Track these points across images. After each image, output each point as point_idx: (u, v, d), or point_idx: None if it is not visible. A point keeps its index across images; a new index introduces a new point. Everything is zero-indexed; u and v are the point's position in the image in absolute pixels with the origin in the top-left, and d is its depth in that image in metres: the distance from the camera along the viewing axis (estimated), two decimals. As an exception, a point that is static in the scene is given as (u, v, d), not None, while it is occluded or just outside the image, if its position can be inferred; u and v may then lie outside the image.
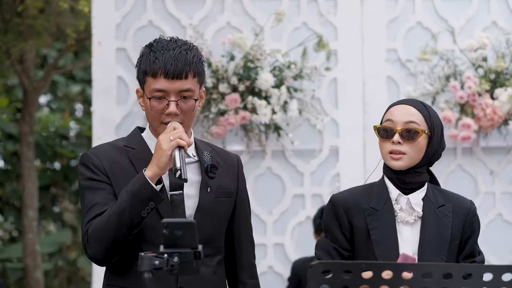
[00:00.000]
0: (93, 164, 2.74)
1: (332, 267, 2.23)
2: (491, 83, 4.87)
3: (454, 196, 2.91)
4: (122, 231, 2.62)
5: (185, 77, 2.73)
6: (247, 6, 4.92)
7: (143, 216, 2.62)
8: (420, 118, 2.82)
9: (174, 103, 2.71)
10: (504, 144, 4.99)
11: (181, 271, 2.10)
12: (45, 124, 10.31)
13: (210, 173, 2.79)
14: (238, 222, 2.89)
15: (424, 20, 5.02)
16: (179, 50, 2.76)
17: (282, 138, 4.87)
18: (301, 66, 4.82)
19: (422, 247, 2.76)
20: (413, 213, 2.80)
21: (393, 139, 2.80)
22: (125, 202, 2.62)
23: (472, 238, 2.87)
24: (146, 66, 2.76)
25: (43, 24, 7.22)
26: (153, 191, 2.61)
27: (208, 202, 2.77)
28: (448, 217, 2.81)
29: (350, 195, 2.87)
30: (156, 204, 2.63)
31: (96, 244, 2.65)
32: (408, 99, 2.90)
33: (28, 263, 8.03)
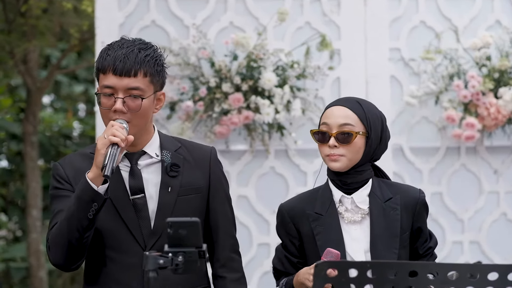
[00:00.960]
0: (58, 175, 2.79)
1: (337, 266, 2.23)
2: (495, 82, 4.86)
3: (402, 187, 2.91)
4: (73, 235, 2.65)
5: (134, 75, 2.71)
6: (250, 6, 4.92)
7: (89, 218, 2.63)
8: (355, 119, 2.81)
9: (121, 100, 2.70)
10: (508, 143, 4.99)
11: (185, 270, 2.10)
12: (49, 124, 10.32)
13: (170, 172, 2.78)
14: (213, 216, 2.86)
15: (427, 19, 5.02)
16: (132, 48, 2.75)
17: (285, 137, 4.87)
18: (304, 65, 4.82)
19: (373, 243, 2.77)
20: (359, 211, 2.80)
21: (329, 143, 2.81)
22: (73, 207, 2.65)
23: (424, 226, 2.87)
24: (99, 63, 2.77)
25: (46, 24, 7.22)
26: (93, 192, 2.62)
27: (168, 202, 2.76)
28: (396, 210, 2.81)
29: (296, 202, 2.89)
30: (99, 205, 2.63)
31: (54, 250, 2.71)
32: (344, 99, 2.89)
33: (32, 262, 8.04)
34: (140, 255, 2.66)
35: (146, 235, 2.75)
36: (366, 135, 2.82)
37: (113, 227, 2.74)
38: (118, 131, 2.63)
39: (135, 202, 2.75)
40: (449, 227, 4.95)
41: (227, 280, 2.85)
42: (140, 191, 2.76)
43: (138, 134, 2.76)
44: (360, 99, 2.89)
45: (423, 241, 2.87)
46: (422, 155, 4.96)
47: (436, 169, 4.97)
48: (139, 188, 2.75)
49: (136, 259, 2.71)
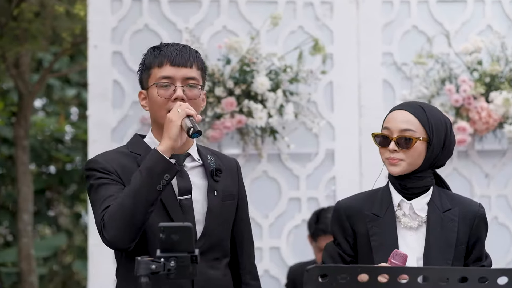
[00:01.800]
0: (104, 168, 2.74)
1: (328, 271, 2.23)
2: (486, 87, 4.88)
3: (462, 199, 2.89)
4: (138, 209, 2.59)
5: (190, 66, 2.78)
6: (243, 10, 4.93)
7: (158, 191, 2.60)
8: (416, 124, 2.81)
9: (181, 88, 2.75)
10: (499, 147, 5.00)
11: (177, 275, 2.10)
12: (40, 128, 10.29)
13: (215, 176, 2.81)
14: (239, 224, 2.91)
15: (419, 23, 5.03)
16: (182, 45, 2.84)
17: (278, 141, 4.87)
18: (297, 69, 4.83)
19: (427, 252, 2.75)
20: (416, 218, 2.79)
21: (389, 147, 2.81)
22: (139, 180, 2.61)
23: (480, 242, 2.85)
24: (151, 60, 2.80)
25: (38, 28, 7.21)
26: (167, 163, 2.61)
27: (216, 206, 2.79)
28: (454, 221, 2.79)
29: (354, 201, 2.88)
30: (171, 177, 2.61)
31: (113, 226, 2.61)
32: (407, 103, 2.89)
33: (23, 267, 8.01)
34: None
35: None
36: (427, 140, 2.81)
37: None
38: (190, 108, 2.68)
39: (182, 203, 2.75)
40: (441, 231, 4.95)
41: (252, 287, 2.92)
42: (188, 192, 2.76)
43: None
44: (424, 104, 2.89)
45: (475, 257, 2.84)
46: (414, 159, 4.97)
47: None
48: (187, 189, 2.76)
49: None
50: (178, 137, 2.65)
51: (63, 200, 10.83)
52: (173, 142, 2.64)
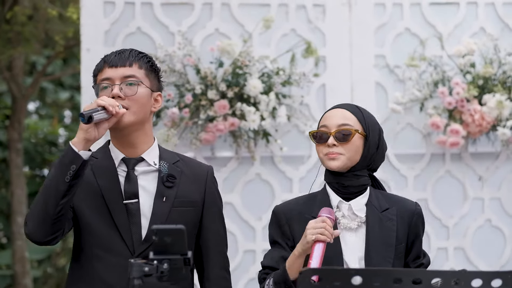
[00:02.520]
0: None
1: (322, 273, 2.23)
2: (479, 89, 4.89)
3: (398, 199, 2.92)
4: (49, 201, 2.64)
5: (129, 65, 2.81)
6: (236, 13, 4.93)
7: (66, 182, 2.63)
8: (353, 120, 2.84)
9: (117, 86, 2.79)
10: (493, 150, 5.01)
11: (170, 277, 2.10)
12: (34, 130, 10.28)
13: (166, 182, 2.80)
14: (205, 234, 2.88)
15: (412, 26, 5.04)
16: (127, 50, 2.87)
17: (271, 144, 4.87)
18: (289, 72, 4.83)
19: (368, 251, 2.77)
20: (355, 219, 2.80)
21: (328, 142, 2.82)
22: (51, 173, 2.67)
23: (418, 240, 2.88)
24: (95, 69, 2.87)
25: (31, 31, 7.20)
26: (74, 154, 2.64)
27: (162, 212, 2.78)
28: (393, 220, 2.82)
29: (293, 205, 2.90)
30: (77, 167, 2.63)
31: (29, 221, 2.70)
32: (343, 104, 2.93)
33: (17, 270, 8.00)
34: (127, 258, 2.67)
35: (136, 241, 2.75)
36: (364, 135, 2.83)
37: (104, 227, 2.75)
38: (109, 100, 2.70)
39: (128, 206, 2.76)
40: (434, 233, 4.96)
41: None
42: (134, 196, 2.77)
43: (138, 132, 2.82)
44: (359, 106, 2.93)
45: (415, 255, 2.86)
46: (407, 161, 4.98)
47: (421, 176, 4.99)
48: (133, 193, 2.77)
49: (123, 261, 2.71)
50: (89, 128, 2.67)
51: (56, 203, 10.79)
52: (84, 133, 2.67)
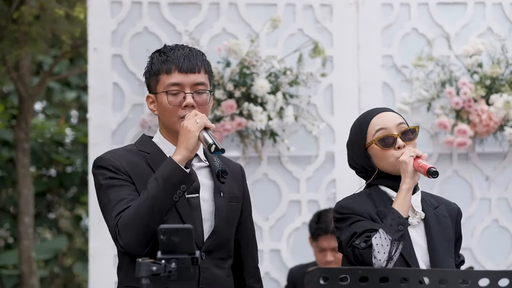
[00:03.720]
0: (113, 166, 2.74)
1: (329, 273, 2.23)
2: (487, 89, 4.88)
3: (441, 198, 2.96)
4: (154, 217, 2.61)
5: (198, 71, 2.79)
6: (243, 13, 4.93)
7: (174, 201, 2.63)
8: (402, 119, 2.85)
9: (190, 95, 2.77)
10: (500, 150, 5.00)
11: (178, 277, 2.10)
12: (41, 130, 10.30)
13: (221, 178, 2.82)
14: (244, 228, 2.93)
15: (419, 26, 5.03)
16: (189, 49, 2.84)
17: (278, 144, 4.87)
18: (296, 72, 4.83)
19: (431, 247, 2.76)
20: (415, 216, 2.80)
21: (398, 143, 2.79)
22: (155, 188, 2.62)
23: (461, 239, 2.92)
24: (159, 66, 2.81)
25: (38, 31, 7.21)
26: (184, 173, 2.63)
27: (222, 207, 2.81)
28: (446, 217, 2.84)
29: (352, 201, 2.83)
30: (188, 187, 2.64)
31: (128, 233, 2.63)
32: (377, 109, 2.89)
33: (24, 270, 8.01)
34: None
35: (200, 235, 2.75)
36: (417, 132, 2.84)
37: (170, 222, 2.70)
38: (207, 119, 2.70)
39: (189, 201, 2.76)
40: (441, 233, 4.95)
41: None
42: (195, 191, 2.77)
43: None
44: None
45: (457, 253, 2.89)
46: (414, 161, 4.97)
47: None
48: (195, 188, 2.76)
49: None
50: (195, 148, 2.67)
51: (63, 202, 10.84)
52: (190, 153, 2.66)
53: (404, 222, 2.65)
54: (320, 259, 4.54)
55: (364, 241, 2.67)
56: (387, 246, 2.63)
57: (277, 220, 4.91)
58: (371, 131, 2.82)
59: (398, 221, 2.65)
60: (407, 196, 2.70)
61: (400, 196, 2.70)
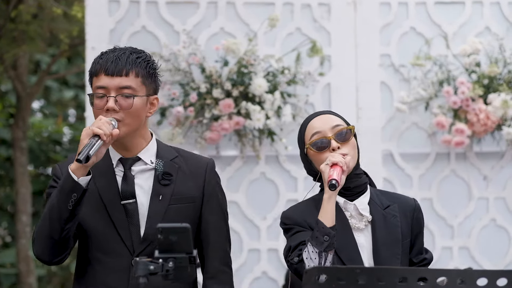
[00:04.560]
0: (56, 175, 2.81)
1: (327, 272, 2.23)
2: (485, 88, 4.88)
3: (397, 196, 2.92)
4: (54, 226, 2.66)
5: (125, 75, 2.75)
6: (241, 12, 4.93)
7: (69, 209, 2.64)
8: (340, 120, 2.84)
9: (113, 98, 2.74)
10: (498, 149, 5.00)
11: (176, 276, 2.10)
12: (38, 129, 10.29)
13: (162, 180, 2.79)
14: (205, 228, 2.86)
15: (417, 25, 5.03)
16: (124, 51, 2.80)
17: (276, 143, 4.87)
18: (294, 71, 4.83)
19: (376, 250, 2.76)
20: (362, 219, 2.79)
21: (332, 145, 2.78)
22: (54, 199, 2.67)
23: (421, 235, 2.88)
24: (92, 67, 2.82)
25: (36, 29, 7.21)
26: (74, 182, 2.63)
27: (158, 210, 2.77)
28: (396, 217, 2.81)
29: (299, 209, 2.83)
30: (79, 196, 2.64)
31: (37, 243, 2.72)
32: (319, 111, 2.90)
33: (22, 268, 8.01)
34: (128, 259, 2.71)
35: (135, 241, 2.75)
36: (354, 133, 2.83)
37: (103, 229, 2.76)
38: (103, 125, 2.66)
39: (126, 207, 2.76)
40: (439, 232, 4.96)
41: None
42: (131, 196, 2.76)
43: (132, 137, 2.78)
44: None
45: (418, 251, 2.86)
46: (412, 161, 4.97)
47: (426, 175, 4.98)
48: (130, 193, 2.76)
49: (124, 263, 2.73)
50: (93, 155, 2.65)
51: (61, 202, 10.80)
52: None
53: (328, 232, 2.64)
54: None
55: (297, 255, 2.70)
56: (315, 259, 2.64)
57: (274, 219, 4.91)
58: (308, 136, 2.83)
59: (323, 232, 2.64)
60: (329, 204, 2.68)
61: (323, 206, 2.69)
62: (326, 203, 2.68)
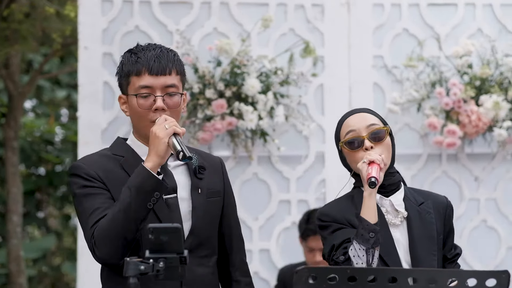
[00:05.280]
0: (86, 173, 2.72)
1: (317, 272, 2.23)
2: (476, 90, 4.89)
3: (429, 193, 2.96)
4: (129, 226, 2.60)
5: (169, 73, 2.75)
6: (234, 12, 4.93)
7: (149, 208, 2.61)
8: (376, 119, 2.84)
9: (161, 98, 2.73)
10: (489, 151, 5.01)
11: (166, 276, 2.09)
12: (30, 129, 10.26)
13: (198, 174, 2.81)
14: (228, 221, 2.91)
15: (410, 27, 5.04)
16: (160, 49, 2.79)
17: (269, 144, 4.87)
18: (287, 72, 4.83)
19: (412, 246, 2.78)
20: (398, 215, 2.81)
21: (365, 145, 2.79)
22: (129, 198, 2.60)
23: (452, 232, 2.93)
24: (129, 67, 2.77)
25: (28, 29, 7.18)
26: (157, 181, 2.61)
27: (201, 204, 2.79)
28: (430, 213, 2.84)
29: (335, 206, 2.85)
30: (161, 194, 2.63)
31: (105, 244, 2.62)
32: (356, 109, 2.91)
33: (12, 269, 7.97)
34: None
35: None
36: (390, 132, 2.84)
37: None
38: (176, 124, 2.67)
39: (168, 202, 2.75)
40: (431, 234, 4.96)
41: (242, 284, 2.92)
42: (173, 191, 2.76)
43: None
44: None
45: (450, 247, 2.90)
46: (404, 161, 4.98)
47: (417, 176, 4.99)
48: (172, 188, 2.75)
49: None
50: (165, 154, 2.65)
51: (52, 201, 10.80)
52: (161, 160, 2.64)
53: (373, 228, 2.66)
54: (310, 259, 4.54)
55: (342, 254, 2.71)
56: (363, 256, 2.65)
57: (266, 220, 4.91)
58: (343, 133, 2.85)
59: (368, 229, 2.66)
60: (370, 201, 2.70)
61: (364, 203, 2.71)
62: (368, 200, 2.69)
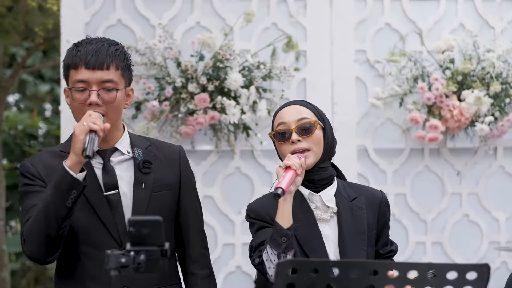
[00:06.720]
0: (29, 172, 2.76)
1: (299, 265, 2.24)
2: (458, 85, 4.91)
3: (364, 188, 2.95)
4: (51, 225, 2.62)
5: (106, 68, 2.73)
6: (217, 6, 4.93)
7: (68, 207, 2.62)
8: (309, 113, 2.84)
9: (95, 93, 2.72)
10: (471, 146, 5.04)
11: (147, 269, 2.10)
12: (13, 123, 10.22)
13: (143, 168, 2.80)
14: (184, 214, 2.89)
15: (392, 21, 5.06)
16: (102, 44, 2.77)
17: (251, 138, 4.87)
18: (270, 66, 4.83)
19: (342, 241, 2.78)
20: (327, 210, 2.81)
21: (292, 138, 2.80)
22: (49, 196, 2.62)
23: (386, 227, 2.91)
24: (69, 60, 2.77)
25: (11, 22, 7.15)
26: (72, 179, 2.60)
27: (143, 199, 2.78)
28: (362, 209, 2.83)
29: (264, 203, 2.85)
30: (78, 192, 2.62)
31: (30, 242, 2.67)
32: (293, 101, 2.93)
33: (-5, 263, 7.95)
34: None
35: (122, 232, 2.74)
36: (323, 126, 2.83)
37: (88, 223, 2.74)
38: (97, 120, 2.64)
39: (109, 198, 2.75)
40: (412, 228, 4.99)
41: (197, 277, 2.90)
42: (114, 187, 2.76)
43: (111, 129, 2.76)
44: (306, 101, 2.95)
45: (384, 243, 2.89)
46: (386, 156, 5.00)
47: (400, 170, 5.02)
48: (113, 184, 2.75)
49: None
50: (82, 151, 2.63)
51: (35, 196, 10.74)
52: (78, 158, 2.62)
53: (286, 234, 2.65)
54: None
55: (258, 256, 2.73)
56: (274, 261, 2.66)
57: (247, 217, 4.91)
58: (275, 125, 2.87)
59: (280, 234, 2.65)
60: (285, 206, 2.68)
61: (279, 208, 2.70)
62: (282, 204, 2.68)
